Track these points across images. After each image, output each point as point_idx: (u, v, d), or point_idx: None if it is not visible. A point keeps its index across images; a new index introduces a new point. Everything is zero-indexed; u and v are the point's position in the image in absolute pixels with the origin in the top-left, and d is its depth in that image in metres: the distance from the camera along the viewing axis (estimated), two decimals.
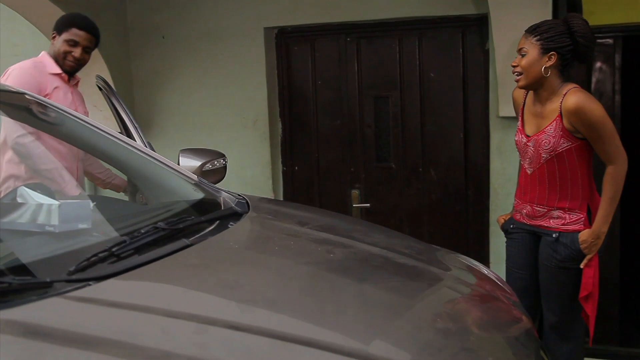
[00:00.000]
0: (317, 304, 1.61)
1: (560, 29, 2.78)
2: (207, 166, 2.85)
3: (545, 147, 2.82)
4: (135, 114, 4.43)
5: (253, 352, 1.35)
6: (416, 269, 2.05)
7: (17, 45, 4.62)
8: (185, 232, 2.01)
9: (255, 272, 1.78)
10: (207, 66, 4.27)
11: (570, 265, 2.87)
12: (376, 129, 4.22)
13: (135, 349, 1.29)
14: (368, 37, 4.18)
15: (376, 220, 4.22)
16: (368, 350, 1.41)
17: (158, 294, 1.57)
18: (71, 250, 1.82)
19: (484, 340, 1.65)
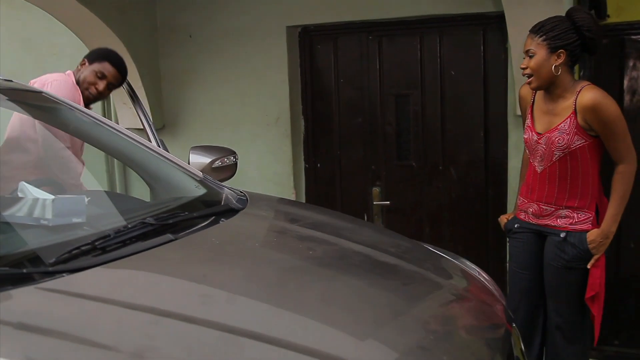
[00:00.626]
0: (277, 301, 1.65)
1: (565, 26, 2.75)
2: (217, 163, 2.92)
3: (559, 144, 2.80)
4: (163, 110, 4.57)
5: (199, 343, 1.41)
6: (395, 267, 2.08)
7: (55, 45, 4.80)
8: (176, 227, 2.09)
9: (225, 268, 1.84)
10: (231, 64, 4.36)
11: (578, 266, 2.84)
12: (397, 127, 4.23)
13: (82, 338, 1.37)
14: (389, 35, 4.19)
15: (396, 218, 4.25)
16: (312, 346, 1.45)
17: (123, 287, 1.65)
18: (58, 243, 1.91)
19: (441, 339, 1.67)
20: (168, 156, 2.85)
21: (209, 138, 4.45)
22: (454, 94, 4.08)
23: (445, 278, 2.10)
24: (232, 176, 3.09)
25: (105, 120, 2.89)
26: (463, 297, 2.00)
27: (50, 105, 2.88)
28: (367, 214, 4.34)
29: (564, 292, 2.95)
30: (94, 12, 3.97)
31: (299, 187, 4.41)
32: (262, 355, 1.40)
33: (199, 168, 2.89)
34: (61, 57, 4.76)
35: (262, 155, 4.36)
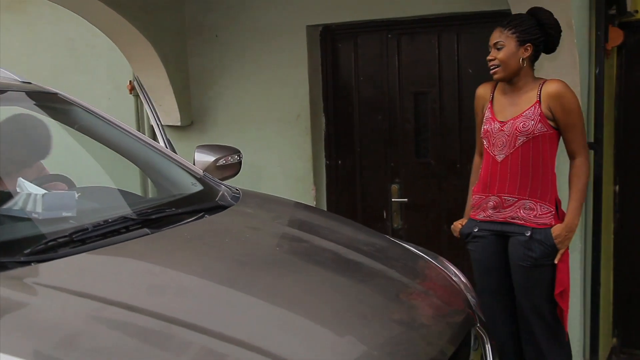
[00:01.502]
0: (224, 295, 1.75)
1: (531, 22, 2.89)
2: (221, 161, 3.03)
3: (524, 128, 2.87)
4: (191, 108, 4.73)
5: (136, 329, 1.52)
6: (359, 264, 2.14)
7: (94, 46, 5.03)
8: (158, 222, 2.22)
9: (186, 262, 1.95)
10: (254, 63, 4.47)
11: (546, 262, 2.88)
12: (415, 125, 4.26)
13: (28, 319, 1.50)
14: (409, 33, 4.21)
15: (414, 215, 4.29)
16: (242, 339, 1.54)
17: (80, 277, 1.77)
18: (39, 234, 2.06)
19: (377, 333, 1.73)
20: (171, 155, 2.99)
21: (234, 135, 4.59)
22: (471, 92, 4.06)
23: (408, 276, 2.15)
24: (236, 174, 3.20)
25: (115, 120, 3.05)
26: (419, 294, 2.05)
27: (66, 107, 3.06)
28: (386, 211, 4.39)
29: (536, 292, 2.95)
30: (122, 14, 4.14)
31: (320, 183, 4.49)
32: (191, 343, 1.50)
33: (203, 166, 3.01)
34: (99, 56, 4.99)
35: (284, 152, 4.46)
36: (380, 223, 4.42)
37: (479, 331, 2.16)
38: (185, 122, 4.69)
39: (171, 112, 4.64)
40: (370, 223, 4.42)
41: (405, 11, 4.08)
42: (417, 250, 2.51)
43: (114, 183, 3.69)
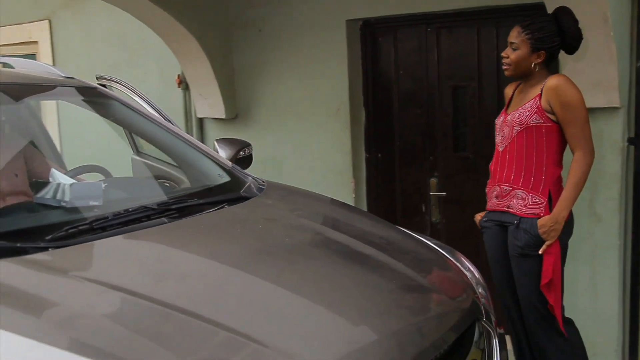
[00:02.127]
0: (222, 282, 1.83)
1: (551, 29, 2.90)
2: (241, 154, 3.13)
3: (518, 119, 2.94)
4: (236, 102, 4.85)
5: (133, 312, 1.62)
6: (367, 256, 2.18)
7: (144, 40, 5.21)
8: (179, 212, 2.32)
9: (193, 250, 2.04)
10: (296, 57, 4.54)
11: (531, 252, 2.90)
12: (454, 119, 4.25)
13: (35, 300, 1.62)
14: (448, 27, 4.20)
15: (452, 209, 4.28)
16: (232, 326, 1.61)
17: (90, 262, 1.89)
18: (62, 222, 2.18)
19: (364, 320, 1.77)
20: (202, 147, 3.10)
21: (276, 128, 4.69)
22: None
23: (413, 268, 2.17)
24: (248, 167, 3.24)
25: (152, 114, 3.18)
26: (421, 286, 2.07)
27: (105, 101, 3.21)
28: (425, 205, 4.39)
29: (523, 282, 2.98)
30: (167, 11, 4.29)
31: (360, 176, 4.53)
32: (183, 327, 1.59)
33: (231, 156, 3.12)
34: (150, 51, 5.16)
35: (324, 145, 4.52)
36: (418, 217, 4.43)
37: (485, 325, 2.17)
38: (229, 115, 4.81)
39: (216, 106, 4.76)
40: (409, 217, 4.45)
41: (444, 4, 4.07)
42: (432, 244, 2.53)
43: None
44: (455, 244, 4.27)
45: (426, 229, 4.40)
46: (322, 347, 1.63)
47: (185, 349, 1.51)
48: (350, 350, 1.65)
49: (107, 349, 1.46)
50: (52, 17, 5.70)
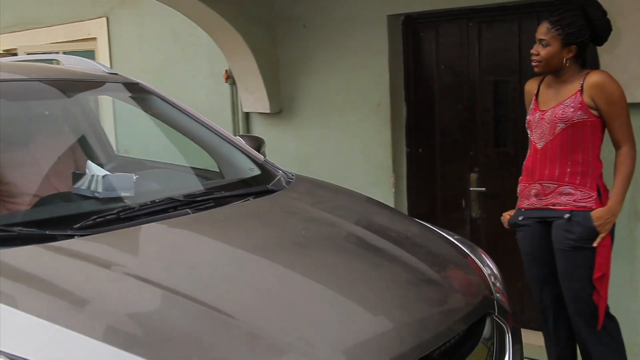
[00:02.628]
0: (229, 273, 1.92)
1: (581, 22, 2.87)
2: (260, 150, 3.21)
3: (563, 115, 2.91)
4: (280, 96, 4.94)
5: (140, 296, 1.73)
6: (380, 250, 2.24)
7: (196, 36, 5.36)
8: (205, 203, 2.43)
9: (206, 240, 2.14)
10: (338, 52, 4.60)
11: (585, 245, 2.86)
12: (495, 114, 4.22)
13: (54, 285, 1.75)
14: (489, 21, 4.17)
15: (492, 204, 4.26)
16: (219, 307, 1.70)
17: (109, 250, 2.00)
18: (91, 211, 2.31)
19: (370, 316, 1.82)
20: (235, 141, 3.20)
21: (319, 122, 4.77)
22: None
23: (426, 262, 2.21)
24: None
25: (188, 109, 3.30)
26: (431, 279, 2.11)
27: (146, 96, 3.35)
28: (465, 200, 4.38)
29: (575, 276, 2.93)
30: (213, 8, 4.40)
31: (400, 171, 4.55)
32: (186, 312, 1.68)
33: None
34: (200, 47, 5.31)
35: (365, 140, 4.56)
36: (458, 212, 4.42)
37: (497, 320, 2.18)
38: (274, 110, 4.91)
39: (261, 100, 4.87)
40: (449, 212, 4.46)
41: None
42: (453, 239, 2.56)
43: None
44: (495, 239, 4.27)
45: (466, 225, 4.40)
46: (323, 337, 1.70)
47: (191, 332, 1.61)
48: (350, 340, 1.70)
49: (111, 328, 1.57)
50: (109, 15, 5.92)
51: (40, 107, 3.61)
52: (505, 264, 4.22)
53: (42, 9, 6.44)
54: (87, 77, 3.32)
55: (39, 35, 6.48)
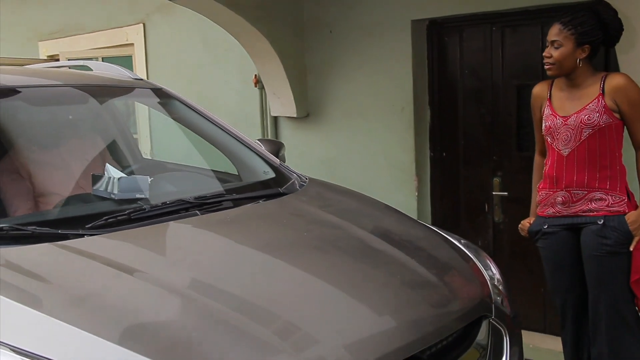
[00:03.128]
0: (226, 271, 2.00)
1: (593, 22, 2.86)
2: (281, 152, 3.29)
3: (589, 121, 2.87)
4: (308, 100, 5.02)
5: (136, 293, 1.82)
6: (380, 252, 2.30)
7: (226, 41, 5.48)
8: (214, 205, 2.53)
9: (210, 241, 2.22)
10: (363, 57, 4.65)
11: (621, 250, 2.83)
12: (518, 118, 4.21)
13: (56, 281, 1.85)
14: (512, 25, 4.17)
15: (515, 209, 4.25)
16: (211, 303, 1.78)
17: (115, 248, 2.10)
18: (104, 211, 2.41)
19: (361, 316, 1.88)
20: (252, 145, 3.28)
21: (345, 126, 4.83)
22: None
23: (424, 265, 2.26)
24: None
25: (207, 113, 3.41)
26: (427, 282, 2.15)
27: (169, 100, 3.47)
28: (488, 204, 4.39)
29: (614, 282, 2.90)
30: (241, 15, 4.51)
31: (424, 175, 4.58)
32: (181, 306, 1.77)
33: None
34: (231, 52, 5.42)
35: (389, 143, 4.60)
36: (482, 216, 4.43)
37: (495, 324, 2.21)
38: (301, 114, 4.99)
39: (288, 104, 4.96)
40: (472, 216, 4.46)
41: (508, 3, 4.04)
42: (458, 243, 2.59)
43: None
44: (518, 243, 4.27)
45: (489, 229, 4.40)
46: (305, 336, 1.77)
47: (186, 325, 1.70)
48: (332, 339, 1.77)
49: (107, 322, 1.66)
50: (146, 21, 6.10)
51: (72, 111, 3.77)
52: (527, 269, 4.24)
53: (84, 16, 6.66)
54: (115, 82, 3.46)
55: (81, 42, 6.71)
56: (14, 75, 3.42)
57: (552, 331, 4.15)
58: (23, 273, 1.88)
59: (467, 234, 4.50)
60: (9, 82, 3.06)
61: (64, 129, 3.59)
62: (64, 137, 3.45)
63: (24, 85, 3.12)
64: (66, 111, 3.71)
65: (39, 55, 7.17)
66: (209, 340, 1.69)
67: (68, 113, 3.74)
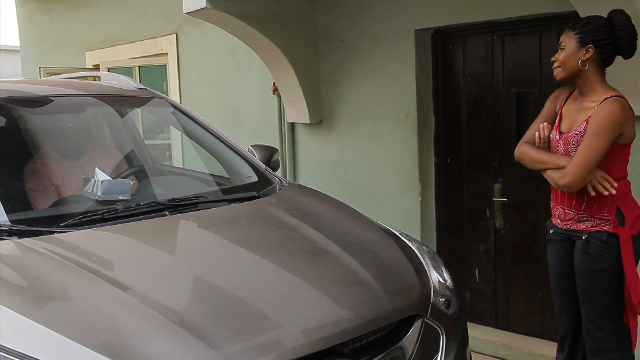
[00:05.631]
0: (170, 267, 2.19)
1: (599, 23, 2.79)
2: (273, 158, 3.46)
3: (573, 145, 2.83)
4: (321, 107, 5.19)
5: (91, 291, 2.03)
6: (327, 253, 2.46)
7: (250, 51, 5.71)
8: (188, 207, 2.74)
9: (167, 240, 2.42)
10: (371, 65, 4.79)
11: (603, 267, 2.81)
12: (517, 125, 4.26)
13: (16, 272, 2.09)
14: (512, 34, 4.23)
15: (514, 215, 4.31)
16: (150, 295, 1.98)
17: (78, 246, 2.32)
18: (79, 211, 2.63)
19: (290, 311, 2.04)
20: (241, 150, 3.48)
21: (355, 132, 4.98)
22: None
23: (366, 266, 2.38)
24: (276, 171, 3.50)
25: (203, 120, 3.62)
26: (364, 282, 2.28)
27: (170, 109, 3.70)
28: (489, 210, 4.45)
29: (591, 298, 2.90)
30: (253, 26, 4.72)
31: (428, 180, 4.67)
32: (125, 306, 1.97)
33: (263, 160, 3.46)
34: (253, 61, 5.64)
35: (395, 149, 4.72)
36: (483, 222, 4.49)
37: (431, 324, 2.33)
38: (314, 120, 5.16)
39: (302, 111, 5.14)
40: (474, 221, 4.54)
41: (506, 12, 4.10)
42: (411, 245, 2.71)
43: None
44: (518, 249, 4.32)
45: (490, 234, 4.46)
46: (223, 331, 1.94)
47: (120, 318, 1.91)
48: (248, 335, 1.93)
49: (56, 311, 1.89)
50: (178, 32, 6.40)
51: (87, 118, 4.06)
52: (527, 274, 4.29)
53: (124, 27, 7.04)
54: (119, 92, 3.71)
55: (122, 51, 7.09)
56: (32, 84, 3.75)
57: (549, 337, 4.18)
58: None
59: (470, 239, 4.58)
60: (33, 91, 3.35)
61: (79, 134, 3.89)
62: (81, 143, 3.73)
63: (52, 94, 3.37)
64: (83, 118, 4.01)
65: (85, 64, 7.61)
66: (150, 336, 1.88)
67: (85, 120, 4.04)
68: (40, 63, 7.67)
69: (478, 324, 4.55)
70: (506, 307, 4.46)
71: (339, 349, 2.04)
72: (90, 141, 3.93)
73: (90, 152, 3.71)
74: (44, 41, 8.33)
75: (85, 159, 3.59)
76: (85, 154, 3.66)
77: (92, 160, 3.52)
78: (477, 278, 4.58)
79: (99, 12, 7.38)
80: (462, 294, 4.55)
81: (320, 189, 3.54)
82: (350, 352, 2.08)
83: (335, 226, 2.71)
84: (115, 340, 1.82)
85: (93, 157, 3.61)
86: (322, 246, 2.48)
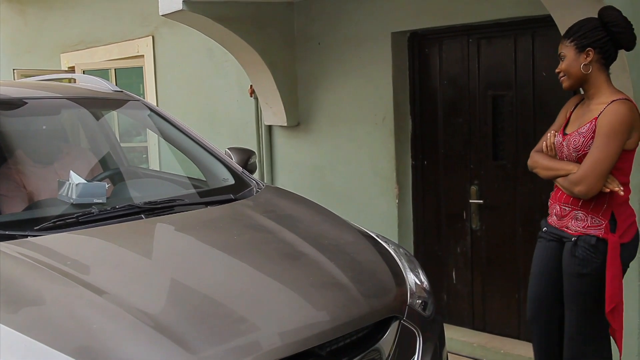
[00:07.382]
0: (142, 272, 2.18)
1: (592, 24, 2.79)
2: (250, 160, 3.46)
3: (574, 145, 2.84)
4: (298, 110, 5.19)
5: (58, 292, 2.01)
6: (303, 255, 2.45)
7: (227, 53, 5.69)
8: (164, 210, 2.72)
9: (142, 242, 2.41)
10: (348, 68, 4.81)
11: (589, 272, 2.81)
12: (493, 128, 4.30)
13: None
14: (487, 37, 4.27)
15: (490, 217, 4.35)
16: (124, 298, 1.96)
17: (52, 249, 2.30)
18: (55, 215, 2.61)
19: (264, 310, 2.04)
20: (218, 153, 3.47)
21: (332, 135, 4.99)
22: (545, 95, 4.03)
23: (341, 267, 2.39)
24: (253, 173, 3.49)
25: (179, 123, 3.61)
26: (338, 284, 2.29)
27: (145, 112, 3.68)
28: (465, 212, 4.48)
29: (575, 301, 2.91)
30: (230, 29, 4.71)
31: (405, 182, 4.69)
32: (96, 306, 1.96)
33: (240, 163, 3.46)
34: (230, 64, 5.61)
35: (372, 152, 4.74)
36: (460, 223, 4.52)
37: (408, 326, 2.34)
38: (291, 123, 5.16)
39: (279, 114, 5.14)
40: (451, 223, 4.56)
41: (481, 16, 4.14)
42: (388, 248, 2.72)
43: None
44: (494, 250, 4.35)
45: (467, 235, 4.49)
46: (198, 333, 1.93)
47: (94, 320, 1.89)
48: (224, 338, 1.93)
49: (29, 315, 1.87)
50: (154, 34, 6.37)
51: (62, 121, 4.02)
52: (503, 275, 4.32)
53: (100, 29, 6.98)
54: (94, 94, 3.68)
55: (97, 53, 7.03)
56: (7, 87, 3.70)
57: (525, 337, 4.21)
58: None
59: (447, 241, 4.61)
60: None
61: (56, 137, 3.85)
62: (56, 146, 3.69)
63: (27, 97, 3.32)
64: (58, 120, 3.97)
65: (60, 66, 7.53)
66: (126, 340, 1.87)
67: (60, 122, 4.00)
68: (14, 65, 7.58)
69: (455, 325, 4.57)
70: (483, 309, 4.49)
71: (316, 351, 2.05)
72: (65, 144, 3.89)
73: (65, 155, 3.67)
74: (18, 43, 8.24)
75: (60, 162, 3.56)
76: (60, 158, 3.62)
77: (66, 164, 3.49)
78: (454, 279, 4.61)
79: (74, 14, 7.32)
80: (439, 296, 4.58)
81: (298, 191, 3.55)
82: (328, 355, 2.08)
83: (312, 229, 2.72)
84: (89, 344, 1.80)
85: (68, 161, 3.58)
86: (299, 249, 2.48)
